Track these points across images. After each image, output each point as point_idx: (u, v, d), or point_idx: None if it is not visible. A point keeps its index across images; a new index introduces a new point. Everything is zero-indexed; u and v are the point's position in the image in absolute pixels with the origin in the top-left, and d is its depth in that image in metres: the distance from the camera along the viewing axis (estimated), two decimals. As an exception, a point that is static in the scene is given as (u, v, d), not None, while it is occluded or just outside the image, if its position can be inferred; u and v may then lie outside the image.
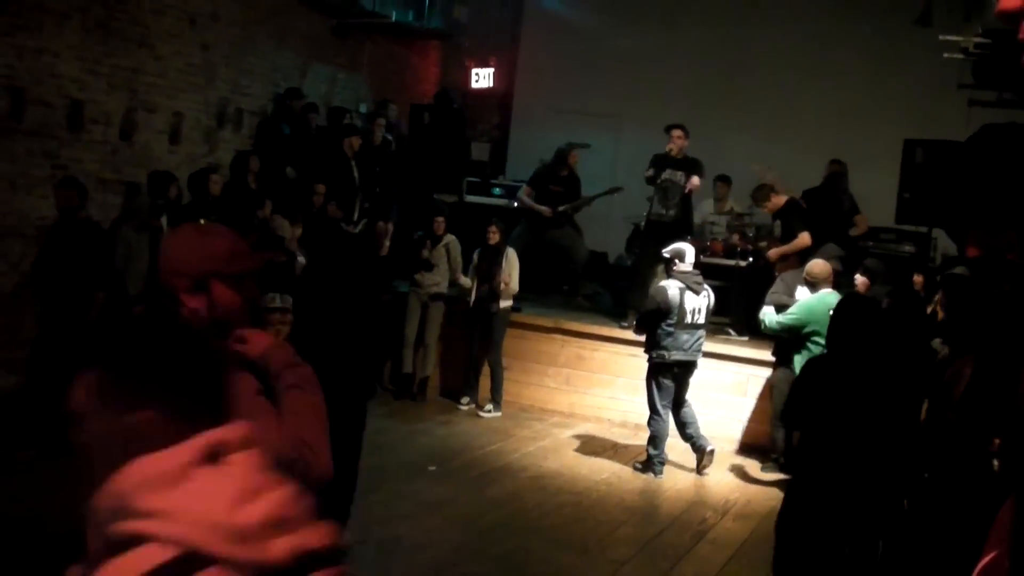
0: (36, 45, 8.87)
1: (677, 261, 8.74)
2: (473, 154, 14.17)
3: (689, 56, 13.98)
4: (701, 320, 8.70)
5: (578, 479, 8.45)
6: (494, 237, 10.21)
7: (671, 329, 8.53)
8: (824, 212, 10.44)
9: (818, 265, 8.42)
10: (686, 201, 10.62)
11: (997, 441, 1.78)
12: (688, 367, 8.82)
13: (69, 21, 9.14)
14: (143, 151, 10.08)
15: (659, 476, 8.76)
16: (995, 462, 1.80)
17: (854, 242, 10.61)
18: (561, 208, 11.30)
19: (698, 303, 8.66)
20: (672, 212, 10.51)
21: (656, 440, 8.78)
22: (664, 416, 8.74)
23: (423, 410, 10.18)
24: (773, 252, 10.27)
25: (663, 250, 9.04)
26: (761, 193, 10.36)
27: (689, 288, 8.61)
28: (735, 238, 11.32)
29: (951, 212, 8.51)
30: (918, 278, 9.01)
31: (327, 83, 13.18)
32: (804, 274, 8.38)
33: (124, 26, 9.74)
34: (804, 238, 10.03)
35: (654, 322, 8.57)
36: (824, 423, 4.88)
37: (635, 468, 8.86)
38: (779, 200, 10.28)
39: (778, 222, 10.39)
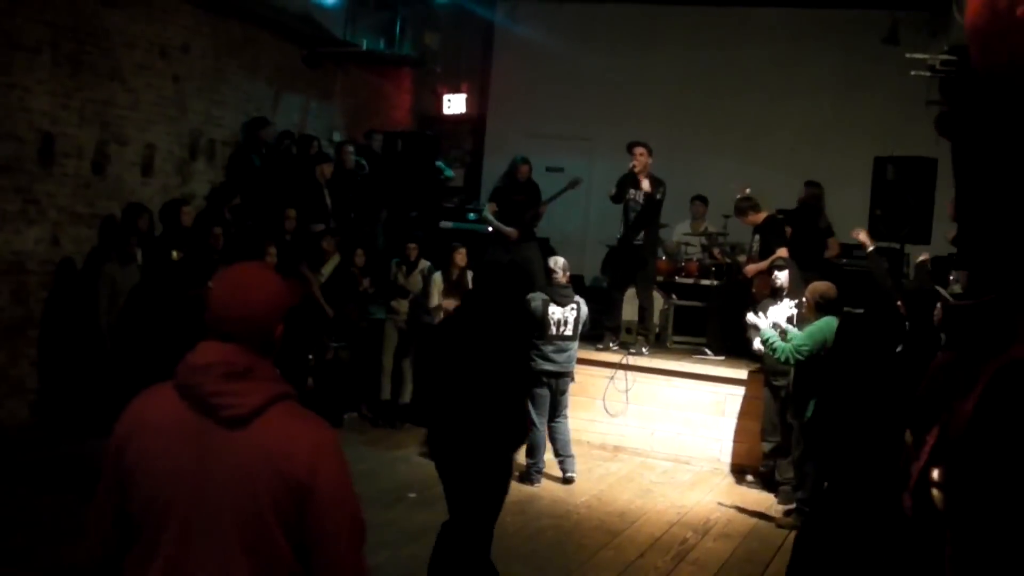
0: (6, 80, 8.83)
1: (552, 274, 9.06)
2: (447, 181, 14.19)
3: (662, 79, 14.06)
4: (568, 332, 8.90)
5: (558, 502, 8.44)
6: (460, 260, 10.26)
7: (537, 341, 8.66)
8: (801, 233, 10.52)
9: (829, 287, 8.24)
10: (651, 219, 10.62)
11: (936, 472, 1.75)
12: (559, 378, 8.93)
13: (39, 55, 9.11)
14: (116, 184, 10.05)
15: (536, 485, 8.82)
16: (935, 492, 1.76)
17: (828, 263, 10.68)
18: (526, 217, 11.19)
19: (564, 315, 8.87)
20: (638, 232, 10.54)
21: (532, 450, 8.84)
22: (540, 426, 8.80)
23: (402, 437, 10.13)
24: (750, 268, 10.28)
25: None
26: (745, 205, 10.37)
27: (554, 301, 8.86)
28: (715, 251, 11.33)
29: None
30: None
31: (299, 112, 13.19)
32: (817, 297, 8.16)
33: (95, 59, 9.72)
34: (781, 253, 10.07)
35: None
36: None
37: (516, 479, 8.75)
38: (759, 216, 10.32)
39: (757, 237, 10.42)
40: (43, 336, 9.32)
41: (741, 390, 9.99)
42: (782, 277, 8.94)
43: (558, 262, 9.18)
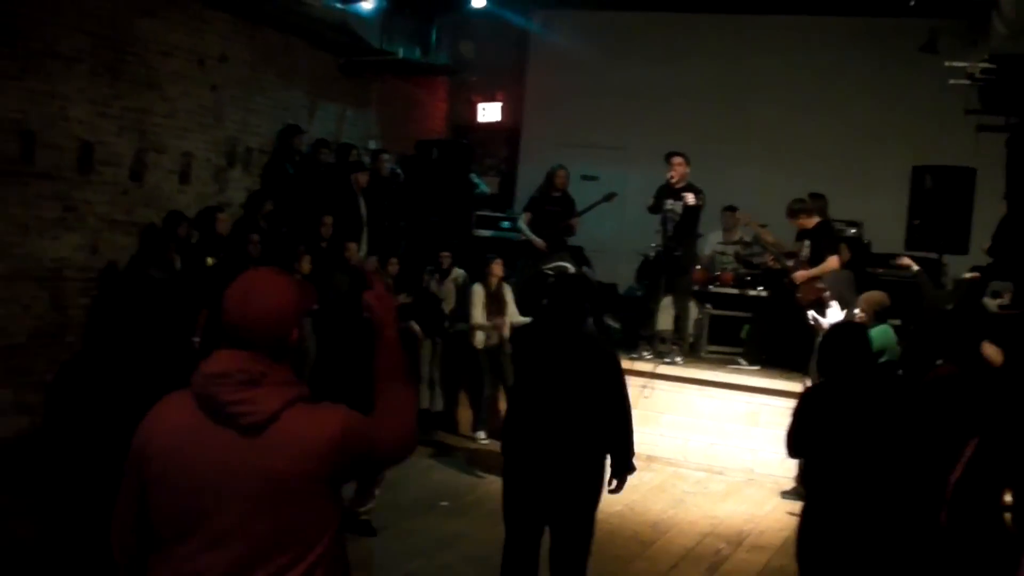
0: (46, 89, 8.93)
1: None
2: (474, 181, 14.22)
3: (695, 89, 14.00)
4: None
5: (591, 512, 8.40)
6: (497, 271, 10.25)
7: None
8: (831, 245, 10.38)
9: (884, 296, 8.32)
10: (690, 229, 10.58)
11: (1008, 494, 1.72)
12: None
13: (78, 64, 9.21)
14: (153, 192, 10.14)
15: None
16: (1007, 516, 1.73)
17: (861, 271, 10.54)
18: (560, 226, 11.23)
19: None
20: (676, 242, 10.48)
21: None
22: None
23: (435, 445, 10.15)
24: (801, 274, 10.13)
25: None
26: (798, 207, 10.29)
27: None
28: (770, 260, 11.20)
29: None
30: None
31: (335, 120, 13.25)
32: (876, 307, 8.20)
33: (133, 68, 9.81)
34: (832, 262, 9.97)
35: None
36: (824, 449, 4.89)
37: None
38: (811, 220, 10.23)
39: (806, 243, 10.32)
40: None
41: (776, 400, 9.91)
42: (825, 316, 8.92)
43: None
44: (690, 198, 10.38)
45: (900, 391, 5.01)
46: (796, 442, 5.18)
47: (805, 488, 5.43)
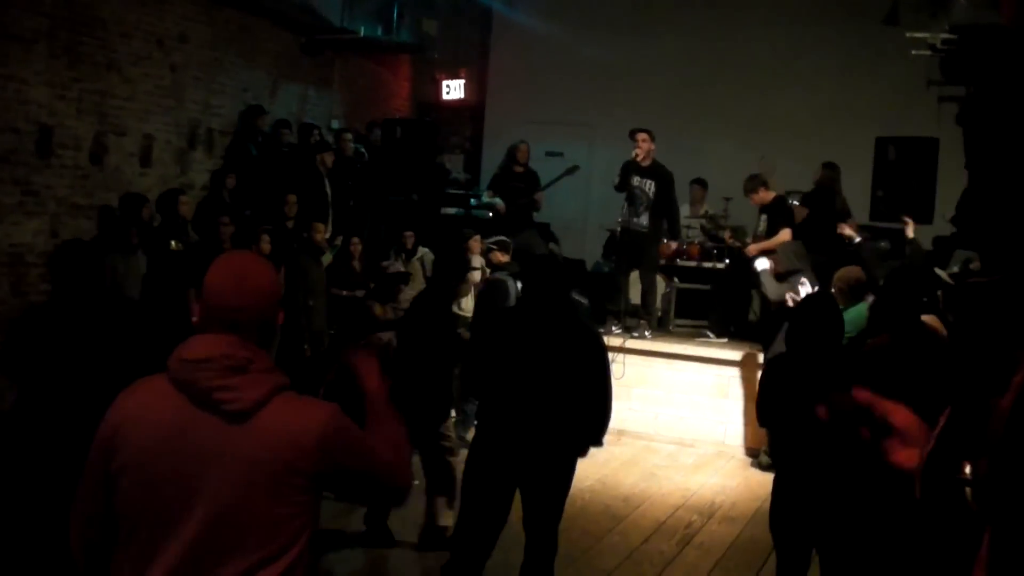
0: (3, 72, 8.81)
1: (500, 254, 9.28)
2: (446, 166, 14.16)
3: (662, 64, 13.99)
4: None
5: (563, 488, 8.39)
6: (476, 247, 10.20)
7: None
8: (817, 216, 10.41)
9: (859, 272, 8.15)
10: (656, 207, 10.60)
11: (967, 466, 1.69)
12: None
13: (35, 46, 9.08)
14: (114, 175, 10.02)
15: None
16: (967, 490, 1.71)
17: (845, 246, 10.52)
18: (520, 201, 11.27)
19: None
20: (642, 219, 10.51)
21: None
22: None
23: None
24: (753, 247, 10.21)
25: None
26: (753, 183, 10.31)
27: (514, 276, 9.00)
28: (726, 235, 11.26)
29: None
30: None
31: (298, 100, 13.16)
32: (851, 283, 8.08)
33: (91, 50, 9.68)
34: (784, 234, 10.03)
35: None
36: (790, 419, 4.92)
37: None
38: (768, 195, 10.26)
39: (764, 217, 10.36)
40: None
41: (744, 372, 9.97)
42: (800, 294, 8.89)
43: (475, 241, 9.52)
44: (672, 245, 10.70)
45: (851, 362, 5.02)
46: (762, 413, 5.22)
47: (774, 459, 5.46)
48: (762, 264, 9.50)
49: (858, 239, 9.63)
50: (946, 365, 4.60)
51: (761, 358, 9.57)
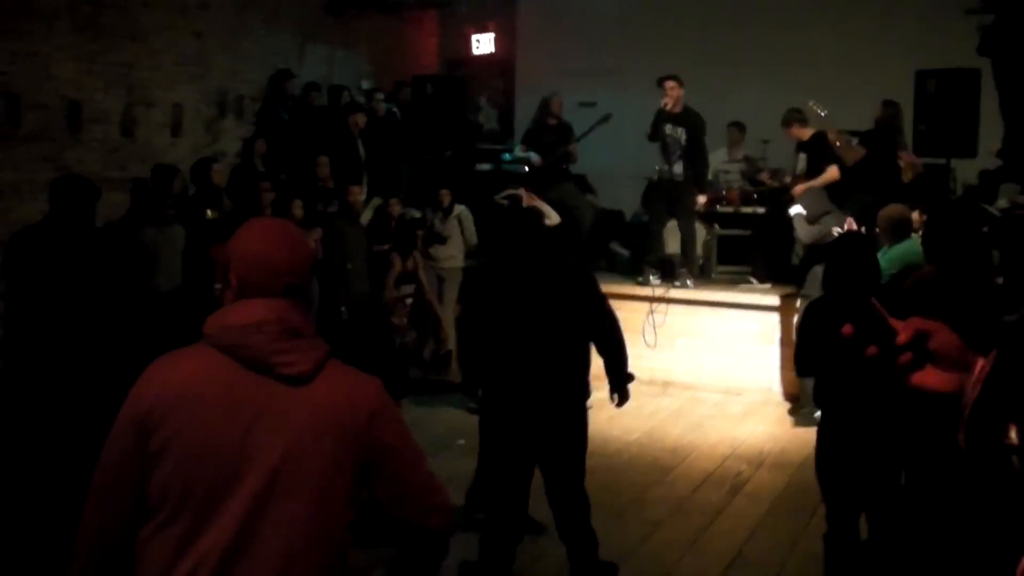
0: (28, 48, 8.78)
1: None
2: (481, 121, 14.05)
3: (692, 5, 13.75)
4: None
5: (609, 441, 8.33)
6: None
7: None
8: (879, 156, 10.12)
9: (901, 209, 7.81)
10: (690, 154, 10.44)
11: (1014, 428, 1.55)
12: None
13: (58, 21, 9.04)
14: (145, 146, 10.00)
15: None
16: (1014, 458, 1.57)
17: (907, 187, 10.22)
18: (555, 154, 11.13)
19: None
20: (676, 168, 10.37)
21: None
22: None
23: (446, 384, 10.07)
24: (799, 187, 10.01)
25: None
26: (792, 116, 10.10)
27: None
28: (763, 176, 11.08)
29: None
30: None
31: (325, 63, 13.04)
32: (892, 223, 7.73)
33: (114, 22, 9.63)
34: (832, 172, 9.81)
35: None
36: (831, 364, 4.78)
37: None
38: (805, 131, 10.05)
39: (802, 155, 10.14)
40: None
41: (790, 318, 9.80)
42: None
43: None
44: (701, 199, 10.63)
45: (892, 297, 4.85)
46: (802, 361, 5.08)
47: (819, 405, 5.32)
48: (795, 209, 9.32)
49: (909, 175, 9.40)
50: (995, 303, 4.45)
51: (799, 302, 9.39)
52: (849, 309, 1.75)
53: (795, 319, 9.03)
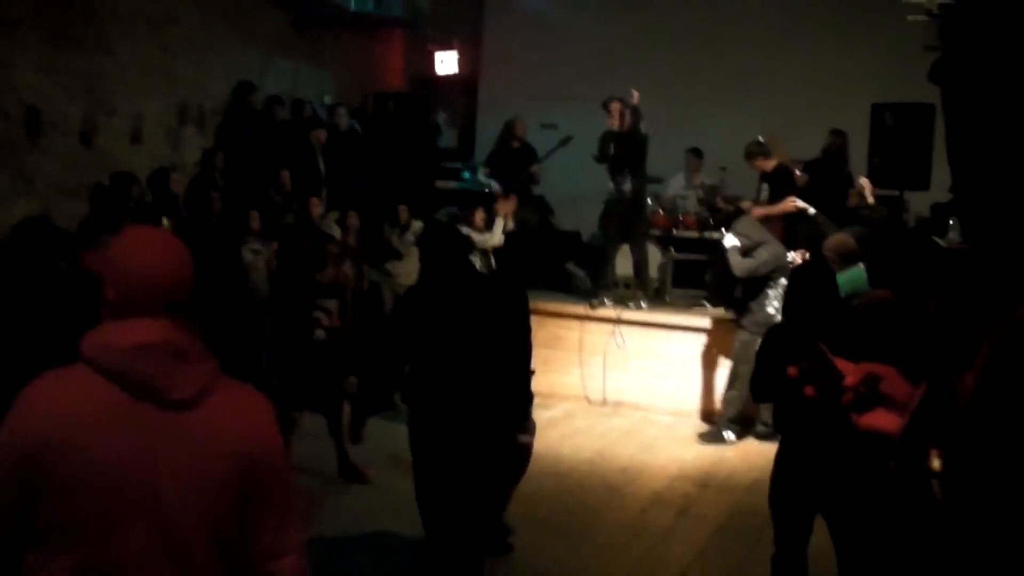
0: (-11, 54, 8.76)
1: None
2: (440, 140, 14.13)
3: (656, 33, 13.89)
4: None
5: (561, 459, 8.39)
6: (479, 221, 10.17)
7: None
8: (824, 183, 10.32)
9: (845, 239, 8.00)
10: (638, 165, 10.58)
11: (935, 455, 1.59)
12: None
13: (21, 27, 9.01)
14: (105, 155, 9.97)
15: None
16: (934, 483, 1.61)
17: (852, 212, 10.41)
18: (518, 178, 11.25)
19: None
20: (625, 186, 10.51)
21: None
22: None
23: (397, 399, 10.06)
24: (758, 211, 10.12)
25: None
26: (755, 149, 10.23)
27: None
28: (718, 201, 11.22)
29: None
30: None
31: (290, 77, 13.06)
32: (839, 252, 7.91)
33: (80, 30, 9.61)
34: (789, 203, 9.93)
35: None
36: (789, 390, 4.83)
37: None
38: (768, 163, 10.19)
39: (765, 186, 10.28)
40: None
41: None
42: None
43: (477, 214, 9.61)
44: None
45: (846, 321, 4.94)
46: (757, 386, 5.15)
47: (777, 430, 5.39)
48: (730, 240, 9.35)
49: (812, 211, 9.54)
50: (933, 336, 4.54)
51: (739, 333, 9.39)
52: (808, 334, 1.82)
53: (736, 348, 9.15)
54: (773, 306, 8.75)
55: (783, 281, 8.64)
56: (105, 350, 2.27)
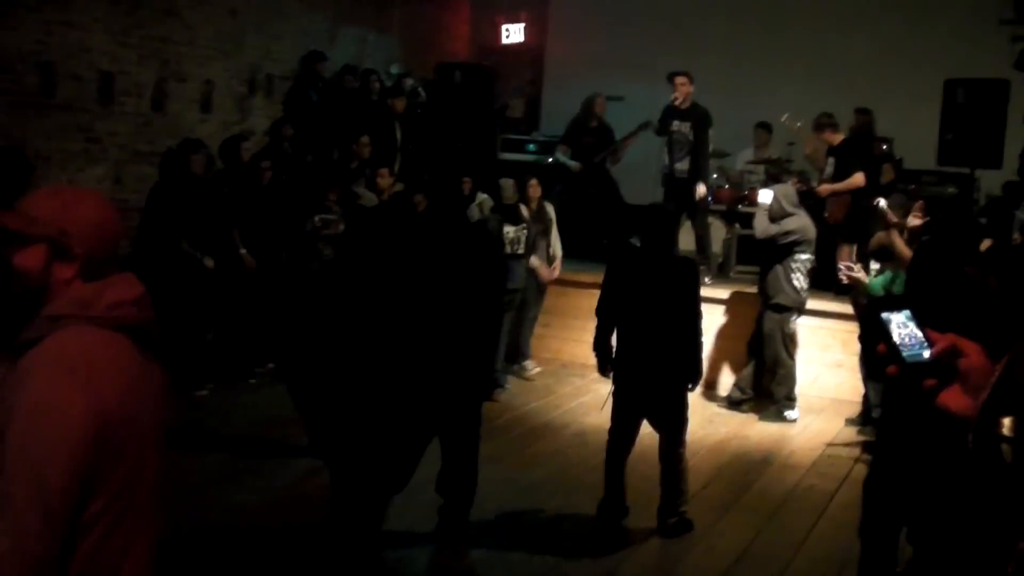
0: (64, 19, 8.87)
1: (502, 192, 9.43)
2: (508, 111, 14.11)
3: (724, 6, 13.75)
4: (520, 250, 9.30)
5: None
6: (534, 192, 10.08)
7: None
8: (858, 162, 10.21)
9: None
10: (696, 151, 10.50)
11: (1007, 421, 1.60)
12: (512, 295, 9.11)
13: (94, -8, 9.14)
14: (175, 121, 10.09)
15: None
16: (1005, 446, 1.61)
17: (885, 190, 10.34)
18: (596, 159, 11.25)
19: (516, 234, 9.24)
20: (680, 165, 10.45)
21: None
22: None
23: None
24: (824, 188, 10.01)
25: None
26: (824, 121, 10.12)
27: (507, 220, 9.24)
28: (794, 181, 11.11)
29: None
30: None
31: (357, 45, 13.10)
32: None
33: (150, -5, 9.73)
34: (858, 178, 9.82)
35: None
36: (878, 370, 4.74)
37: None
38: (836, 136, 10.08)
39: (831, 159, 10.15)
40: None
41: (809, 320, 9.72)
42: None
43: (507, 183, 9.47)
44: (701, 190, 10.55)
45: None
46: (871, 365, 5.02)
47: (882, 417, 5.28)
48: (766, 194, 9.20)
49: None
50: (997, 311, 4.45)
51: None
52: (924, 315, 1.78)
53: (757, 321, 9.05)
54: (796, 281, 8.71)
55: (804, 257, 8.71)
56: (119, 306, 2.27)
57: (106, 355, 2.22)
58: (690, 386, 6.32)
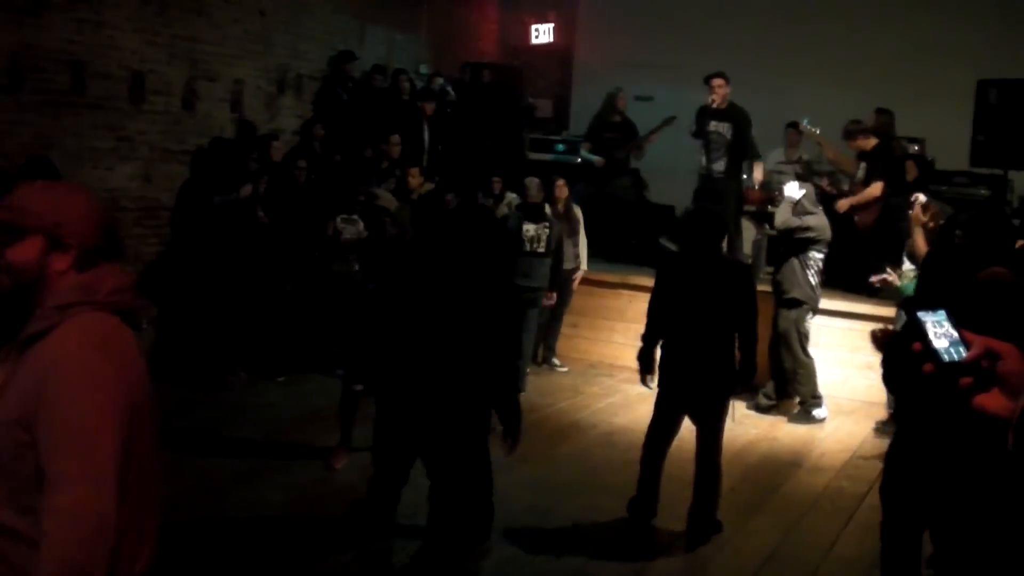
0: (95, 18, 8.91)
1: (526, 190, 9.31)
2: (536, 111, 14.10)
3: (752, 5, 13.69)
4: (541, 249, 9.10)
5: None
6: (561, 192, 10.03)
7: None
8: (880, 171, 10.13)
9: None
10: (734, 150, 10.45)
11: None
12: (533, 293, 9.06)
13: (126, -7, 9.18)
14: (205, 120, 10.12)
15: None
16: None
17: (910, 188, 10.24)
18: (618, 155, 11.23)
19: (537, 232, 9.08)
20: (717, 165, 10.40)
21: None
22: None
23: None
24: (842, 203, 10.00)
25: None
26: (854, 128, 10.09)
27: (527, 218, 9.12)
28: (824, 184, 11.02)
29: None
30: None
31: (385, 45, 13.12)
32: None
33: (180, -6, 9.77)
34: (875, 188, 9.77)
35: None
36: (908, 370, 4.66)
37: None
38: (868, 142, 10.02)
39: (863, 165, 10.09)
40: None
41: (836, 321, 9.70)
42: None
43: (532, 182, 9.34)
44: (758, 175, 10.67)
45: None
46: (888, 372, 4.88)
47: (897, 423, 5.21)
48: (791, 190, 9.09)
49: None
50: None
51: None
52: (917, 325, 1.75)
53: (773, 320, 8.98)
54: (812, 278, 8.74)
55: (819, 256, 8.74)
56: (119, 292, 2.38)
57: (120, 336, 2.35)
58: (740, 387, 6.43)
